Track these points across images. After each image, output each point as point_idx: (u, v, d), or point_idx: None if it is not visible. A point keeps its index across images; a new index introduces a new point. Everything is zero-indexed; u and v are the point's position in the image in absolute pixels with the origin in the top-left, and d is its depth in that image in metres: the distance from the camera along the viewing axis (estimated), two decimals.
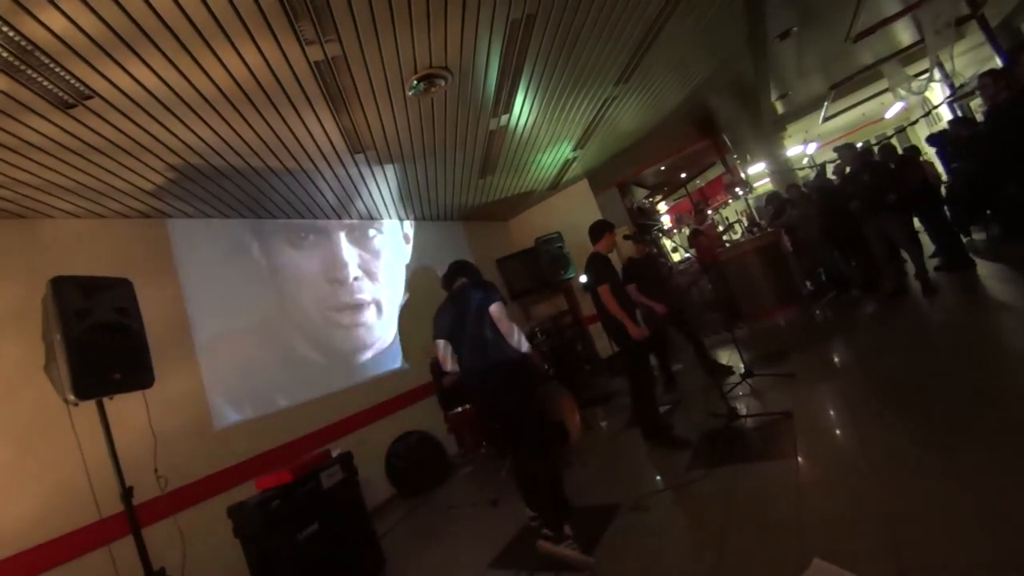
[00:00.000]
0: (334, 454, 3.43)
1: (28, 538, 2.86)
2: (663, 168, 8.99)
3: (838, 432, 3.07)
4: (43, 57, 2.20)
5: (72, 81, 2.39)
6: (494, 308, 2.83)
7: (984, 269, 5.22)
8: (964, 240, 6.14)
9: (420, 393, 5.65)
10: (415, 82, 3.40)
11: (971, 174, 5.39)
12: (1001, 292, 4.40)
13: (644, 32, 3.98)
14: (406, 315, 5.94)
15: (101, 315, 2.48)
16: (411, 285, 6.21)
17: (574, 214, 7.52)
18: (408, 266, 6.32)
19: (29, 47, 2.12)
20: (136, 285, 2.77)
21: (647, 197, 10.40)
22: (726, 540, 2.30)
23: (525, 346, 2.85)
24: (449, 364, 2.91)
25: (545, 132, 5.24)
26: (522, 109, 4.48)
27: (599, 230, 3.98)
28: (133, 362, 2.59)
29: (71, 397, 2.29)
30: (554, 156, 6.13)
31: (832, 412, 3.37)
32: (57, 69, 2.29)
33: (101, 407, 2.47)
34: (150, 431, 2.85)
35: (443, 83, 3.51)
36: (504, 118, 4.50)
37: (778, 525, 2.23)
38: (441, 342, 2.91)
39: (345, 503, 3.29)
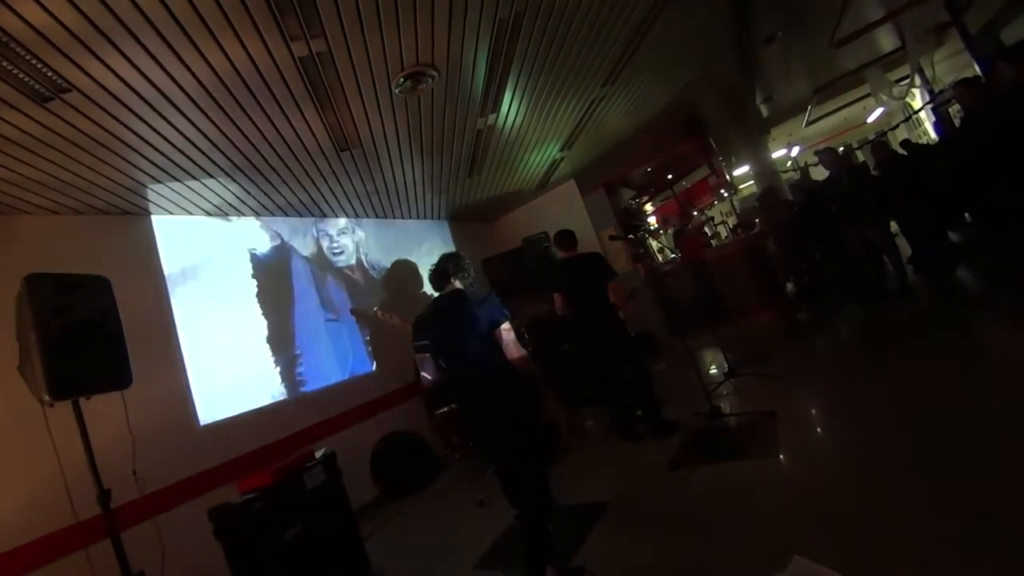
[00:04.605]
0: (318, 454, 3.40)
1: (2, 542, 2.79)
2: (650, 169, 9.04)
3: (820, 431, 3.11)
4: (19, 49, 2.14)
5: (49, 74, 2.33)
6: (501, 331, 2.42)
7: (962, 272, 5.32)
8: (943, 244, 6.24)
9: (406, 393, 5.61)
10: (401, 79, 3.38)
11: (948, 178, 5.49)
12: (980, 294, 4.50)
13: (631, 34, 3.99)
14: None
15: (78, 314, 2.41)
16: (396, 284, 6.17)
17: (561, 214, 7.51)
18: (394, 265, 6.29)
19: (4, 38, 2.07)
20: (118, 283, 2.69)
21: (633, 198, 10.45)
22: (708, 537, 2.32)
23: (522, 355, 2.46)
24: (429, 374, 2.50)
25: (533, 132, 5.24)
26: (510, 108, 4.47)
27: (574, 238, 4.20)
28: (110, 362, 2.53)
29: (46, 398, 2.23)
30: (541, 156, 6.14)
31: (814, 411, 3.42)
32: (33, 61, 2.23)
33: (77, 408, 2.41)
34: (128, 432, 2.80)
35: (430, 81, 3.49)
36: (492, 117, 4.49)
37: (759, 522, 2.26)
38: (424, 356, 2.56)
39: (329, 504, 3.25)
